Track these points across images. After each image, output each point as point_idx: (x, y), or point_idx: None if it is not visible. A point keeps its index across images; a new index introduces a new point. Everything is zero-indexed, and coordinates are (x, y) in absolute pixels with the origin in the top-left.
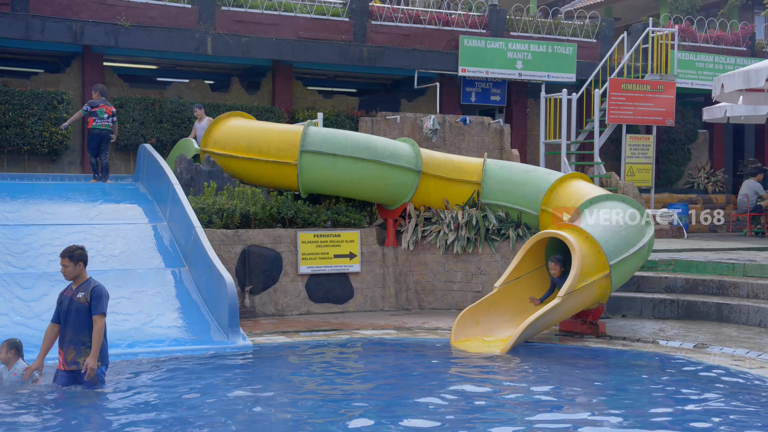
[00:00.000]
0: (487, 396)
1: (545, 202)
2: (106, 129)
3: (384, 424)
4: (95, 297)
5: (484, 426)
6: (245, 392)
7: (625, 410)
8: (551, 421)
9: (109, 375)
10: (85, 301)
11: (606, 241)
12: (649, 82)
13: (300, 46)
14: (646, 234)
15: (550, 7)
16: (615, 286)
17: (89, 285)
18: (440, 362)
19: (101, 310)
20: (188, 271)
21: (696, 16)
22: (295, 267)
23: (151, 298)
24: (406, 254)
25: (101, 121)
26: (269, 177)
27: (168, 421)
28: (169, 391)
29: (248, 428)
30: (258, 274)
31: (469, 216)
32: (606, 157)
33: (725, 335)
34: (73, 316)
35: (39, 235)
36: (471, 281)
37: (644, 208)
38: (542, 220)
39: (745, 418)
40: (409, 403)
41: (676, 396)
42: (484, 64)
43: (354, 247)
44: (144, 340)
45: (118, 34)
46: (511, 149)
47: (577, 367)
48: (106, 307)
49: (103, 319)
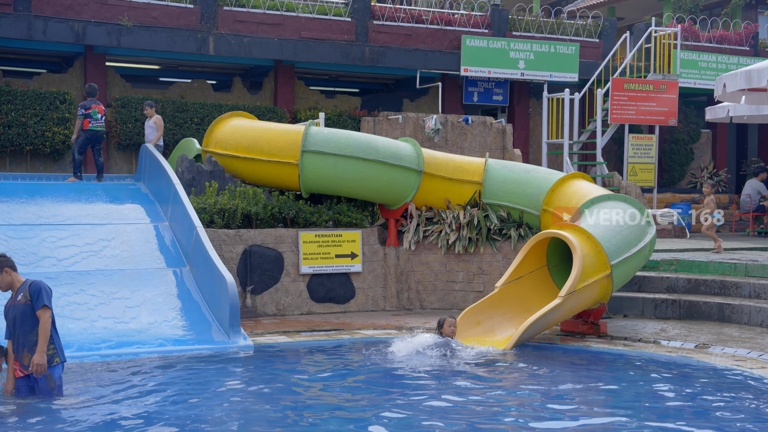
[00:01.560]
0: (487, 396)
1: (547, 202)
2: (101, 129)
3: (384, 423)
4: (35, 292)
5: (483, 426)
6: (245, 392)
7: (625, 410)
8: (551, 420)
9: (110, 374)
10: (26, 300)
11: (607, 241)
12: (652, 82)
13: (302, 46)
14: (648, 234)
15: (552, 7)
16: (616, 287)
17: (26, 284)
18: (440, 362)
19: (43, 302)
20: (189, 271)
21: (699, 15)
22: (297, 267)
23: (153, 298)
24: (407, 254)
25: (96, 121)
26: (271, 177)
27: (167, 420)
28: (169, 390)
29: (247, 428)
30: (259, 274)
31: (470, 216)
32: (608, 157)
33: (727, 335)
34: (19, 319)
35: (40, 235)
36: (472, 281)
37: (645, 208)
38: (544, 220)
39: (745, 418)
40: (409, 403)
41: (677, 396)
42: (487, 63)
43: (355, 247)
44: (144, 339)
45: (120, 34)
46: (513, 149)
47: (578, 367)
48: (49, 300)
49: (47, 312)
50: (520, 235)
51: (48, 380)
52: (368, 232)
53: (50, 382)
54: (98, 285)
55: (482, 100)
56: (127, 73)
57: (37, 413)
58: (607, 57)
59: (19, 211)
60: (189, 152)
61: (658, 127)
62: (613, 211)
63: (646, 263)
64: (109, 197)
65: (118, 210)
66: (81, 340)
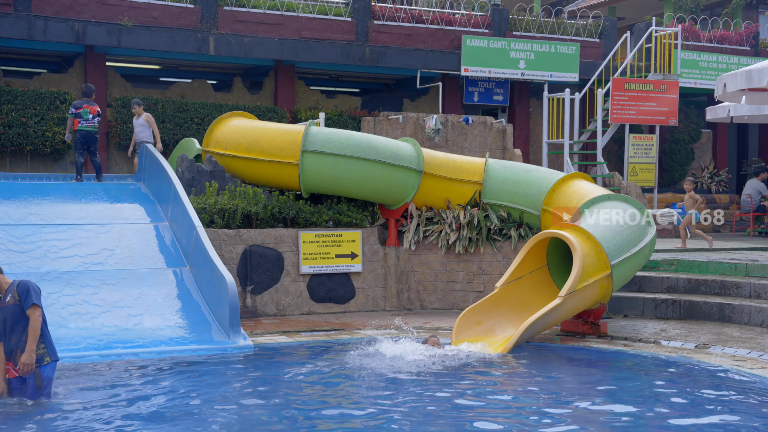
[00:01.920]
0: (485, 396)
1: (547, 202)
2: (92, 130)
3: (381, 425)
4: (23, 291)
5: (481, 426)
6: (244, 392)
7: (625, 411)
8: (550, 421)
9: (110, 374)
10: (15, 301)
11: (607, 240)
12: (652, 82)
13: (302, 46)
14: (648, 234)
15: (553, 7)
16: (616, 287)
17: (14, 285)
18: (439, 365)
19: (32, 301)
20: (189, 270)
21: (700, 15)
22: (297, 267)
23: (152, 298)
24: (407, 254)
25: (86, 122)
26: (271, 177)
27: (166, 420)
28: (168, 390)
29: (247, 428)
30: (260, 274)
31: (470, 216)
32: (609, 157)
33: (727, 335)
34: (9, 321)
35: (41, 235)
36: (473, 281)
37: (645, 208)
38: (544, 220)
39: (744, 419)
40: (409, 404)
41: (676, 396)
42: (487, 63)
43: (355, 247)
44: (144, 339)
45: (121, 34)
46: (513, 149)
47: (577, 367)
48: (38, 298)
49: (37, 311)
50: (520, 235)
51: (36, 378)
52: (368, 232)
53: (37, 381)
54: (98, 285)
55: (483, 100)
56: (127, 73)
57: (31, 414)
58: (608, 57)
59: (20, 211)
60: (189, 152)
61: (658, 127)
62: (613, 211)
63: (646, 263)
64: (109, 197)
65: (118, 210)
66: (80, 339)
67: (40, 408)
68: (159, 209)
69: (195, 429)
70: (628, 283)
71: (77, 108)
